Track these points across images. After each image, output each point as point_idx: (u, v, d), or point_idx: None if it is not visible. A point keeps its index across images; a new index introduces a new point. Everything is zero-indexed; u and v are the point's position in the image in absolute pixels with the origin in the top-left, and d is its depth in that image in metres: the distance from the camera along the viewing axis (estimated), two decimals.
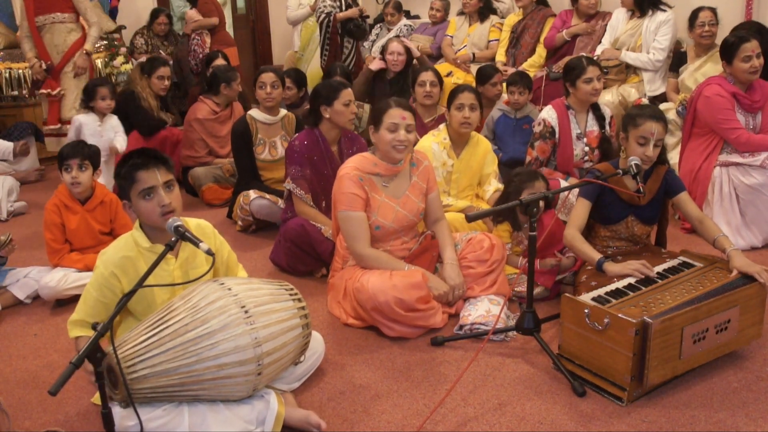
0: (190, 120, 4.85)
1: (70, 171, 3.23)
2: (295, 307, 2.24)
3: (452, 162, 3.57)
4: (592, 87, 3.58)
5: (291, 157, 3.52)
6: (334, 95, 3.44)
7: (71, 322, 2.29)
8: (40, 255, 3.66)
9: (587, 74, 3.57)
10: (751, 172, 3.54)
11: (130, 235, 2.28)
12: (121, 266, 2.21)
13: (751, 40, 3.48)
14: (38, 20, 5.23)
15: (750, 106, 3.60)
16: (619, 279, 2.59)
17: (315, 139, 3.53)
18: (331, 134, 3.55)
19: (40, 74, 5.28)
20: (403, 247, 3.03)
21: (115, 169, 2.25)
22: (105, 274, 2.21)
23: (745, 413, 2.24)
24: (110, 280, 2.21)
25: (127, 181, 2.19)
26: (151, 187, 2.18)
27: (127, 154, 2.25)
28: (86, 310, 2.25)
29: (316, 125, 3.55)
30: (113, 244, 2.29)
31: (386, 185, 2.97)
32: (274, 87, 4.11)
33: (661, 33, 4.67)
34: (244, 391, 2.12)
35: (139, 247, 2.24)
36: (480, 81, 4.72)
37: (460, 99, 3.48)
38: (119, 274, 2.21)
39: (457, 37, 5.88)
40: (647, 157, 2.71)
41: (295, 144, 3.52)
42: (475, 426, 2.22)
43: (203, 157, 4.83)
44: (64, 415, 2.36)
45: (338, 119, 3.48)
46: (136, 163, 2.19)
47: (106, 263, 2.22)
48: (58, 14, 5.29)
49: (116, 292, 2.22)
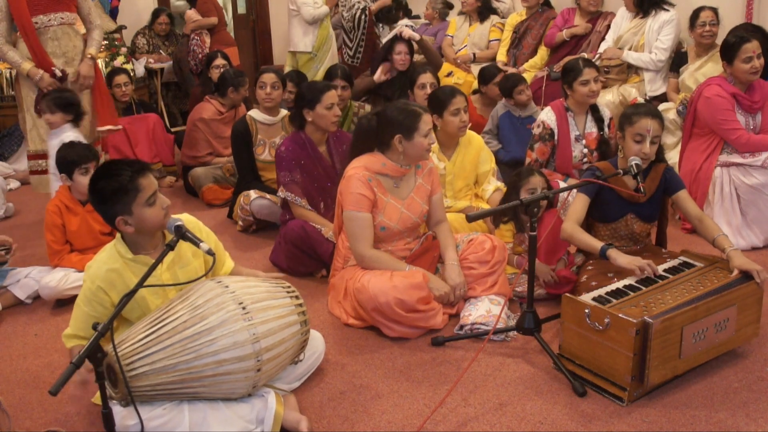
0: (194, 119, 4.84)
1: (88, 174, 3.20)
2: (292, 304, 2.25)
3: (444, 165, 3.55)
4: (588, 89, 3.57)
5: (279, 164, 3.52)
6: (317, 98, 3.42)
7: (66, 335, 2.30)
8: (41, 255, 3.66)
9: (584, 76, 3.56)
10: (752, 173, 3.54)
11: (113, 247, 2.25)
12: (107, 280, 2.19)
13: (752, 41, 3.48)
14: (37, 21, 4.03)
15: (750, 107, 3.60)
16: (619, 279, 2.59)
17: (301, 142, 3.52)
18: (316, 136, 3.54)
19: (53, 87, 4.02)
20: (405, 248, 3.03)
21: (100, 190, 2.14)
22: (92, 288, 2.20)
23: (745, 413, 2.24)
24: (98, 294, 2.20)
25: (129, 194, 2.12)
26: (154, 192, 2.17)
27: (101, 170, 2.18)
28: (78, 325, 2.25)
29: (301, 128, 3.54)
30: (97, 257, 2.26)
31: (397, 186, 2.97)
32: (274, 87, 4.10)
33: (664, 33, 4.65)
34: (244, 388, 2.12)
35: (123, 258, 2.22)
36: (483, 81, 4.72)
37: (454, 104, 3.40)
38: (106, 288, 2.19)
39: (457, 37, 5.88)
40: (644, 154, 2.72)
41: (282, 150, 3.51)
42: (475, 426, 2.23)
43: (204, 157, 4.83)
44: (64, 414, 2.36)
45: (321, 122, 3.47)
46: (134, 173, 2.13)
47: (93, 278, 2.20)
48: (67, 14, 4.14)
49: (105, 305, 2.21)
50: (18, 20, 3.95)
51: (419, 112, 2.87)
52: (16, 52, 4.00)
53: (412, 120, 2.85)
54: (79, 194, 3.29)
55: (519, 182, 3.15)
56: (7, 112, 5.94)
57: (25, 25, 3.96)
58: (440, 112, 3.44)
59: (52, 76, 4.02)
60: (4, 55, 3.98)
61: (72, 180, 3.24)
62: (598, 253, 2.68)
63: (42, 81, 4.00)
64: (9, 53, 3.98)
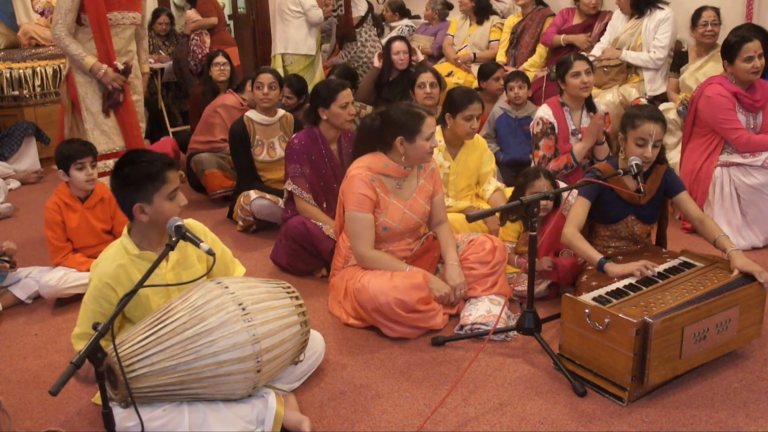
0: (216, 106, 4.86)
1: (83, 169, 3.23)
2: (292, 305, 2.24)
3: (448, 164, 3.56)
4: (580, 80, 3.62)
5: (290, 156, 3.53)
6: (332, 97, 3.44)
7: (75, 336, 2.31)
8: (41, 255, 3.66)
9: (574, 68, 3.62)
10: (752, 173, 3.54)
11: (119, 243, 2.28)
12: (114, 276, 2.21)
13: (754, 40, 3.48)
14: (111, 17, 3.85)
15: (751, 106, 3.60)
16: (619, 279, 2.59)
17: (314, 138, 3.54)
18: (330, 134, 3.56)
19: (118, 81, 3.90)
20: (406, 249, 3.03)
21: (126, 174, 2.18)
22: (99, 285, 2.22)
23: (745, 413, 2.24)
24: (105, 291, 2.22)
25: (155, 184, 2.16)
26: (176, 188, 2.22)
27: (130, 156, 2.22)
28: (87, 323, 2.25)
29: (315, 124, 3.55)
30: (103, 255, 2.29)
31: (399, 187, 2.97)
32: (271, 88, 4.11)
33: (660, 31, 4.66)
34: (244, 389, 2.12)
35: (129, 255, 2.24)
36: (483, 77, 4.73)
37: (470, 110, 3.40)
38: (113, 284, 2.21)
39: (457, 37, 5.88)
40: (646, 158, 2.72)
41: (294, 142, 3.53)
42: (475, 426, 2.22)
43: (218, 143, 4.81)
44: (64, 415, 2.36)
45: (335, 121, 3.49)
46: (164, 165, 2.18)
47: (100, 275, 2.22)
48: (137, 14, 4.04)
49: (112, 302, 2.22)
50: (93, 14, 3.77)
51: (423, 115, 2.85)
52: (79, 46, 3.81)
53: (414, 122, 2.83)
54: (77, 190, 3.29)
55: (525, 184, 3.16)
56: (8, 112, 5.96)
57: (101, 20, 3.79)
58: (454, 113, 3.45)
59: (115, 71, 3.89)
60: (66, 47, 3.80)
61: (68, 176, 3.24)
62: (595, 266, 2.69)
63: (106, 76, 3.85)
64: (71, 46, 3.80)
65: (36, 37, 6.23)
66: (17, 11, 6.36)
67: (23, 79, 5.93)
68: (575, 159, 3.66)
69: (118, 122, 4.03)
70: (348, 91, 3.49)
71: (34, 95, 5.98)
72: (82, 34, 3.86)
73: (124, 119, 4.03)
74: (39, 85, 6.01)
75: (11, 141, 5.49)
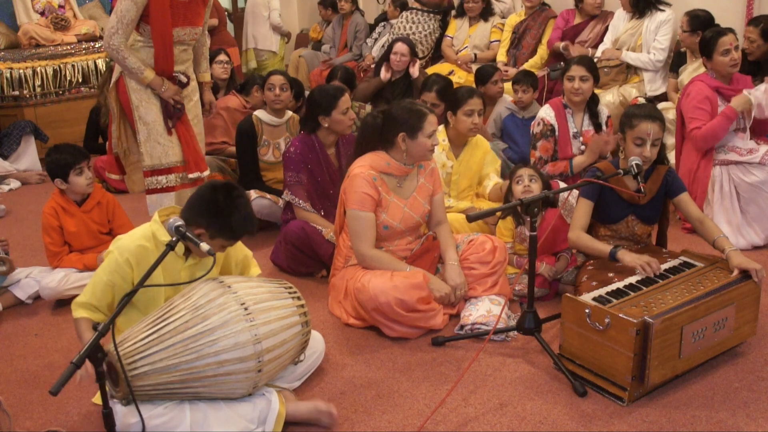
0: (218, 107, 4.84)
1: (83, 173, 3.21)
2: (294, 305, 2.25)
3: (451, 163, 3.57)
4: (572, 86, 3.64)
5: (286, 165, 3.52)
6: (333, 104, 3.40)
7: (76, 303, 2.28)
8: (41, 255, 3.65)
9: (570, 72, 3.66)
10: (752, 170, 3.54)
11: (148, 227, 2.27)
12: (136, 254, 2.21)
13: (728, 34, 3.51)
14: (174, 33, 3.56)
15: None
16: (619, 279, 2.60)
17: (311, 145, 3.52)
18: (328, 139, 3.54)
19: (178, 95, 3.65)
20: (407, 248, 3.03)
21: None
22: (119, 260, 2.21)
23: (745, 413, 2.24)
24: (123, 267, 2.21)
25: None
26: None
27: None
28: (94, 293, 2.25)
29: (313, 132, 3.54)
30: (130, 234, 2.29)
31: (400, 186, 2.98)
32: (282, 89, 4.11)
33: (661, 33, 4.67)
34: (245, 389, 2.13)
35: (156, 241, 2.23)
36: (480, 81, 4.71)
37: (470, 105, 3.42)
38: (133, 263, 2.21)
39: (457, 38, 5.87)
40: (645, 157, 2.72)
41: (291, 150, 3.51)
42: (475, 426, 2.23)
43: (219, 145, 4.82)
44: (65, 414, 2.36)
45: (337, 127, 3.47)
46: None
47: (122, 249, 2.22)
48: (199, 29, 3.74)
49: (127, 279, 2.22)
50: (158, 29, 3.48)
51: (425, 112, 2.87)
52: (138, 59, 3.52)
53: (416, 119, 2.85)
54: (74, 195, 3.28)
55: (511, 176, 3.24)
56: (8, 112, 5.96)
57: (165, 35, 3.51)
58: (454, 110, 3.46)
59: (176, 83, 3.64)
60: (124, 60, 3.47)
61: (68, 182, 3.23)
62: (607, 257, 2.70)
63: (167, 91, 3.58)
64: (130, 59, 3.48)
65: (36, 37, 6.22)
66: (17, 11, 6.36)
67: (23, 79, 5.94)
68: (572, 170, 3.65)
69: (178, 135, 3.73)
70: (347, 96, 3.47)
71: (34, 95, 5.99)
72: (134, 40, 3.55)
73: (180, 131, 3.74)
74: (39, 85, 6.01)
75: (10, 140, 5.49)
